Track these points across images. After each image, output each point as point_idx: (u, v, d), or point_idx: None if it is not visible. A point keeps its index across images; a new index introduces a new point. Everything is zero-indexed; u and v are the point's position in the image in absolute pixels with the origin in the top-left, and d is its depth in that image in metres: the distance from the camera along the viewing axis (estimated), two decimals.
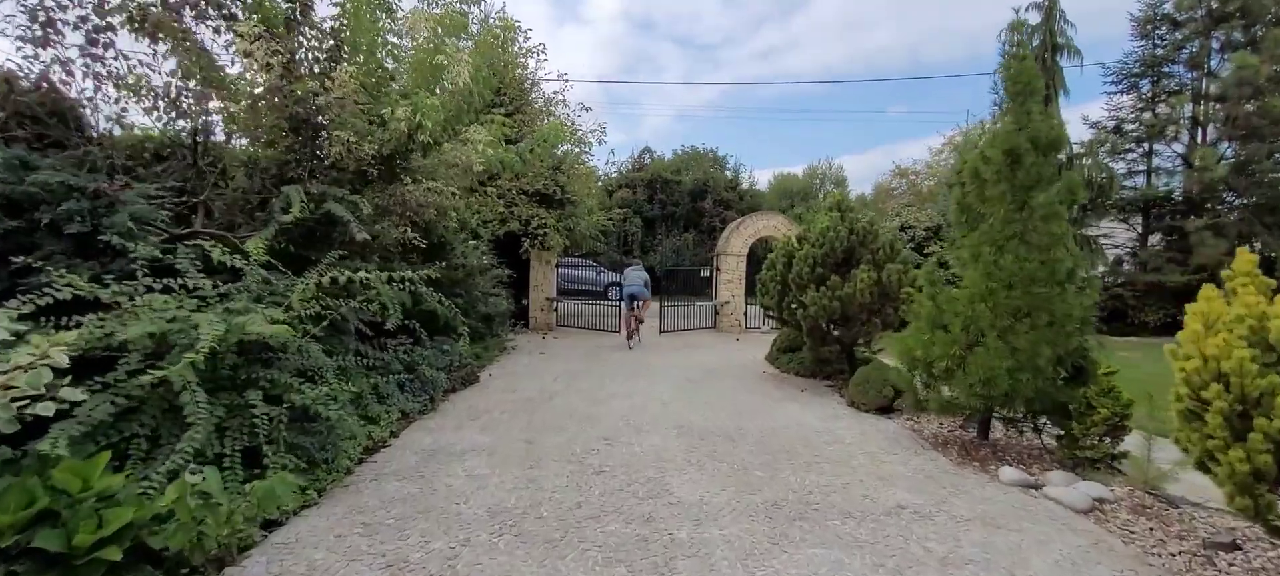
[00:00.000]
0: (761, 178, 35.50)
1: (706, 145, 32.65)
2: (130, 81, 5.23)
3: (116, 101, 5.63)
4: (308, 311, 4.57)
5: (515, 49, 13.47)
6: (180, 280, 4.11)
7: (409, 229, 6.50)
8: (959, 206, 5.83)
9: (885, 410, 7.16)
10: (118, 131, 5.94)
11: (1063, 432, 5.58)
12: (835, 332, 8.42)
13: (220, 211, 5.97)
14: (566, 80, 15.72)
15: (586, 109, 14.67)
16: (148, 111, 5.61)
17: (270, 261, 4.66)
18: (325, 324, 5.23)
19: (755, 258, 15.66)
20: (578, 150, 14.72)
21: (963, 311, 5.47)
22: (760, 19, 66.16)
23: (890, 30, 61.72)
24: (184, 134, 5.22)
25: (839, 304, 7.87)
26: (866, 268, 7.90)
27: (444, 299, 6.04)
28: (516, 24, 8.46)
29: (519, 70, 14.74)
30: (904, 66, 60.22)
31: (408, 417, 6.37)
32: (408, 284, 5.93)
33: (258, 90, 5.12)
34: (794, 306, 8.55)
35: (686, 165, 30.62)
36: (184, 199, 5.04)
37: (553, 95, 14.99)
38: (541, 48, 14.73)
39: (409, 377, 7.08)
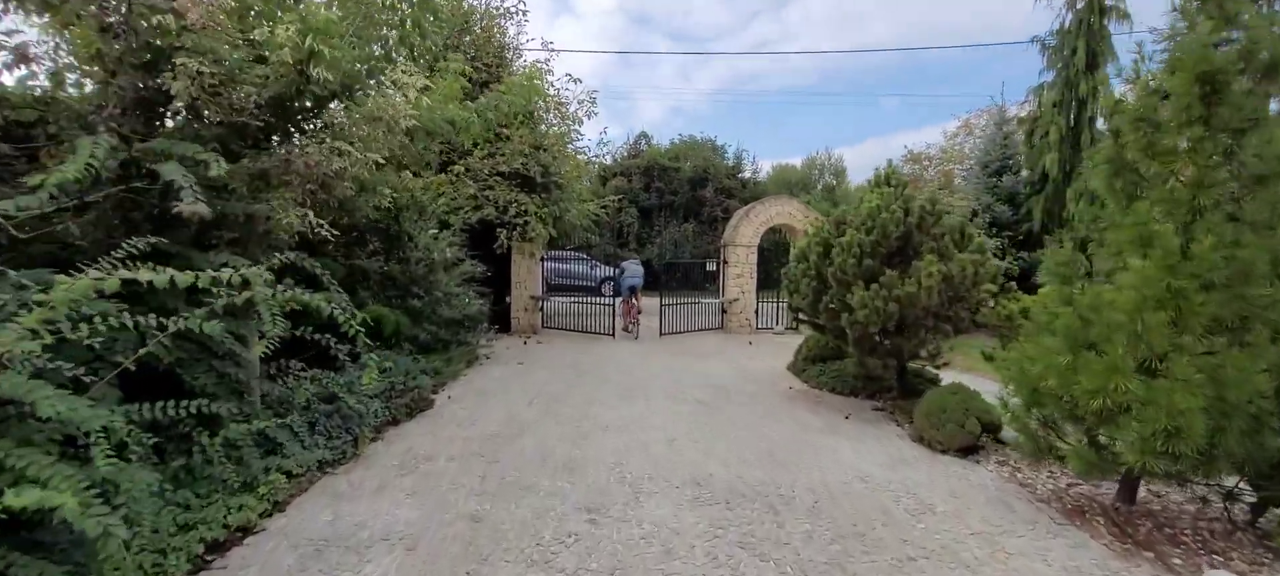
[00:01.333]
0: (762, 167, 33.49)
1: (704, 134, 30.73)
2: None
3: None
4: (77, 335, 2.68)
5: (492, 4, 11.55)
6: None
7: (311, 208, 4.60)
8: (1110, 167, 3.97)
9: (969, 450, 5.33)
10: None
11: (1265, 500, 3.76)
12: (887, 343, 6.56)
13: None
14: (552, 50, 13.80)
15: (575, 80, 12.77)
16: None
17: None
18: (160, 343, 3.37)
19: (762, 249, 13.85)
20: (564, 127, 12.81)
21: (1126, 324, 3.61)
22: (753, 13, 64.24)
23: (883, 24, 60.02)
24: None
25: (897, 306, 6.02)
26: (931, 259, 6.05)
27: (343, 303, 4.16)
28: None
29: (497, 34, 12.83)
30: (898, 59, 58.83)
31: (308, 476, 4.49)
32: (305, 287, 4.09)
33: None
34: (834, 308, 6.70)
35: (685, 154, 28.70)
36: None
37: (537, 65, 13.04)
38: (521, 7, 12.81)
39: (327, 411, 5.22)
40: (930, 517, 4.03)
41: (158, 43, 3.81)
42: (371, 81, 4.92)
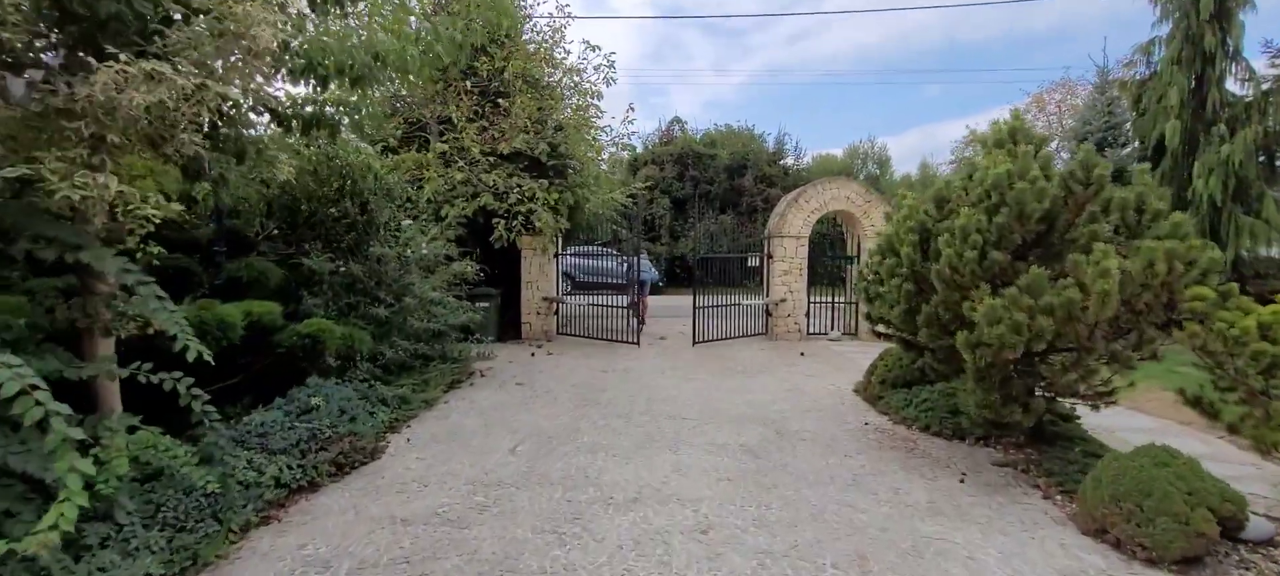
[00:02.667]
0: (805, 155, 30.88)
1: (742, 124, 28.46)
2: None
3: None
4: None
5: None
6: None
7: (120, 172, 2.84)
8: None
9: (1192, 562, 3.25)
10: None
11: None
12: (1025, 375, 4.48)
13: None
14: (568, 14, 11.88)
15: (593, 47, 10.85)
16: None
17: None
18: None
19: (810, 241, 11.75)
20: (580, 100, 10.96)
21: None
22: (790, 1, 61.21)
23: (922, 10, 56.63)
24: None
25: (1049, 321, 3.94)
26: (1103, 248, 3.94)
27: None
28: None
29: None
30: (939, 45, 55.23)
31: None
32: None
33: None
34: (943, 320, 4.66)
35: (722, 142, 26.56)
36: None
37: (548, 25, 11.21)
38: None
39: (195, 485, 3.47)
40: None
41: None
42: None
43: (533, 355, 9.70)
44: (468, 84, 8.90)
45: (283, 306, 5.88)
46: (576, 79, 10.69)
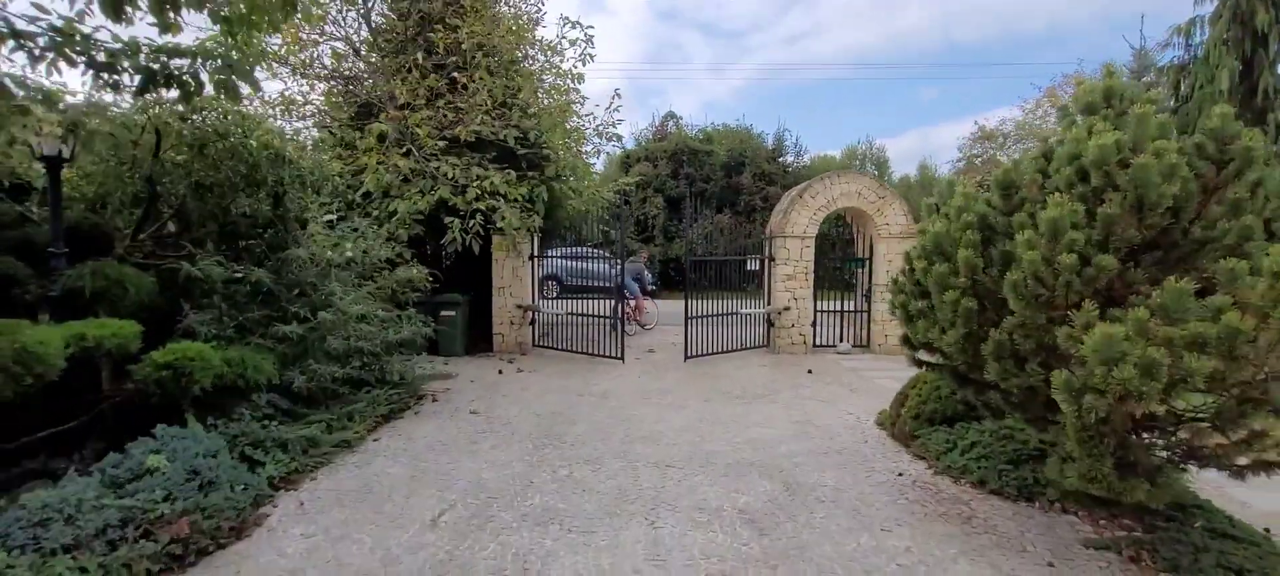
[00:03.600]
0: (805, 152, 29.34)
1: (740, 122, 27.11)
2: None
3: None
4: None
5: None
6: None
7: None
8: None
9: None
10: None
11: None
12: (1144, 431, 3.20)
13: None
14: None
15: (572, 23, 9.51)
16: None
17: None
18: None
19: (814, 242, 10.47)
20: (560, 82, 9.66)
21: None
22: (787, 3, 60.06)
23: (918, 11, 55.67)
24: None
25: (1203, 358, 2.65)
26: None
27: None
28: None
29: None
30: (936, 47, 54.35)
31: None
32: None
33: None
34: (1026, 349, 3.37)
35: (719, 139, 25.24)
36: None
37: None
38: None
39: None
40: None
41: None
42: None
43: (500, 373, 8.38)
44: (419, 57, 7.60)
45: (155, 325, 4.58)
46: (553, 59, 9.38)
